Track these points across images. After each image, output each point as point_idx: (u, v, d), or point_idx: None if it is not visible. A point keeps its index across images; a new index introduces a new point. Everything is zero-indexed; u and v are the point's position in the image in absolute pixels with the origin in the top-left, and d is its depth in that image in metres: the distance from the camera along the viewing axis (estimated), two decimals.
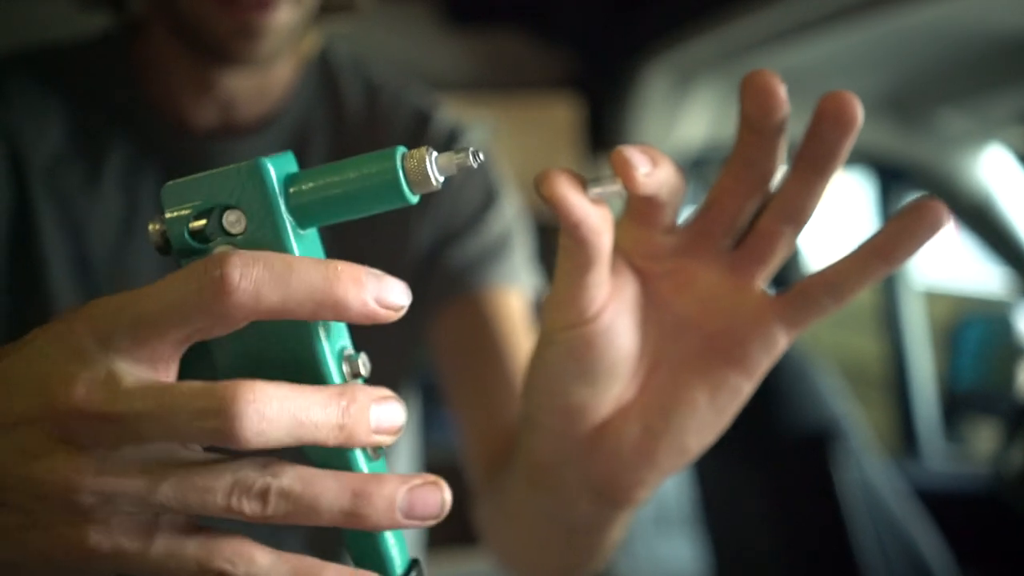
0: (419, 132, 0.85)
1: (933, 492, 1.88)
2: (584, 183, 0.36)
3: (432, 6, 2.04)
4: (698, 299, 0.42)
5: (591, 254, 0.36)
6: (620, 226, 0.40)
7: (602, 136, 2.02)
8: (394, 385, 0.89)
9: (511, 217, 0.88)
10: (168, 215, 0.34)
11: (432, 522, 0.34)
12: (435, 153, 0.34)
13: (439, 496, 0.33)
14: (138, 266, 0.78)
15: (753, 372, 0.42)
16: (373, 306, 0.33)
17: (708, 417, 0.43)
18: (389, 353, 0.86)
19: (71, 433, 0.31)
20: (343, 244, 0.82)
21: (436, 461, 1.35)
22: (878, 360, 2.44)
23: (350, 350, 0.36)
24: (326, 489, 0.32)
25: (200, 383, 0.31)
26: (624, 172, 0.35)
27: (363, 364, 0.36)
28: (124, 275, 0.78)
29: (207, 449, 0.34)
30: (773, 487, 1.44)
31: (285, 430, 0.31)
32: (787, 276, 1.46)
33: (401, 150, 0.34)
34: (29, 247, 0.76)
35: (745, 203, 0.40)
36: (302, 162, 0.34)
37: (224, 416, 0.29)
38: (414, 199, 0.34)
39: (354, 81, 0.87)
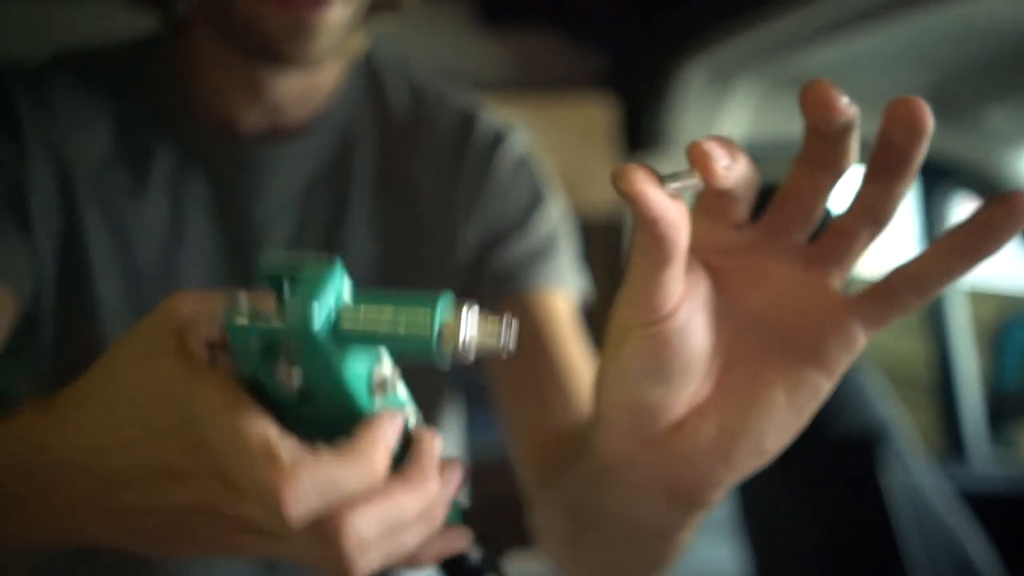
0: (464, 135, 0.85)
1: (979, 495, 1.85)
2: (660, 178, 0.35)
3: (465, 7, 2.04)
4: (773, 295, 0.41)
5: (669, 250, 0.36)
6: (691, 221, 0.39)
7: (637, 136, 2.01)
8: (438, 393, 0.89)
9: (557, 219, 0.88)
10: (237, 350, 0.39)
11: None
12: (473, 327, 0.36)
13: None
14: (186, 271, 0.78)
15: (833, 370, 0.41)
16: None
17: (787, 416, 0.41)
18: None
19: None
20: (393, 249, 0.82)
21: (481, 462, 1.35)
22: (922, 361, 2.40)
23: (383, 369, 0.41)
24: None
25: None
26: (704, 165, 0.34)
27: (392, 380, 0.41)
28: (172, 281, 0.78)
29: None
30: (816, 490, 1.42)
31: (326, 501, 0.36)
32: None
33: (446, 316, 0.37)
34: (76, 254, 0.76)
35: (818, 199, 0.39)
36: (348, 165, 0.37)
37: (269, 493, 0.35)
38: (441, 358, 0.37)
39: (399, 83, 0.87)
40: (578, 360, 0.81)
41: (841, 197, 0.40)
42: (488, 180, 0.85)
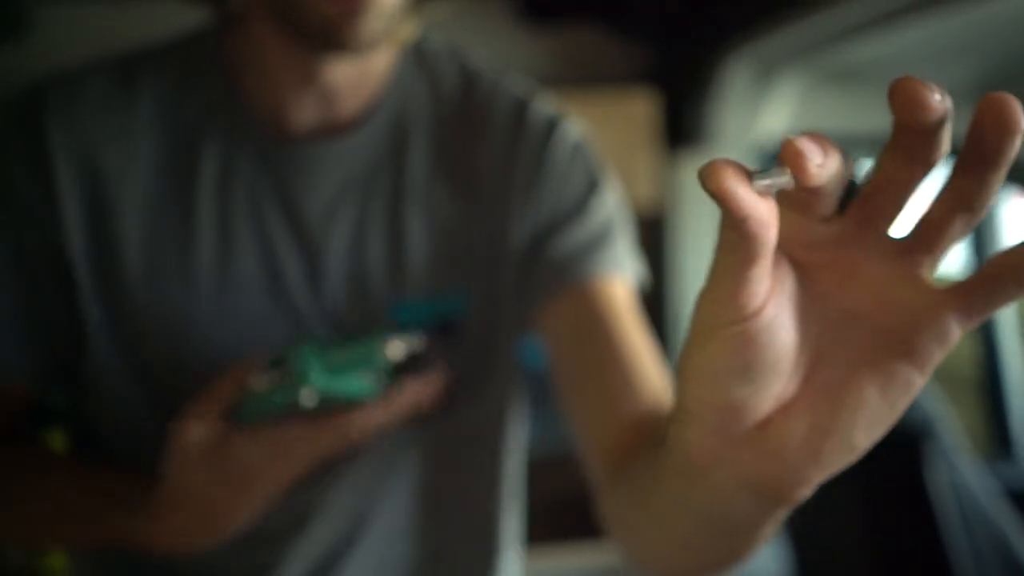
0: (518, 121, 0.85)
1: None
2: (750, 174, 0.34)
3: (509, 3, 2.04)
4: (863, 290, 0.40)
5: (758, 249, 0.35)
6: (778, 215, 0.38)
7: (681, 131, 2.00)
8: (506, 387, 0.89)
9: (613, 205, 0.88)
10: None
11: None
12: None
13: None
14: (242, 273, 0.78)
15: (926, 365, 0.40)
16: None
17: (879, 412, 0.40)
18: (495, 367, 0.86)
19: None
20: (450, 238, 0.82)
21: (541, 457, 1.36)
22: (969, 359, 2.37)
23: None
24: None
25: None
26: (797, 164, 0.33)
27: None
28: (230, 284, 0.78)
29: None
30: (862, 488, 1.41)
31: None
32: None
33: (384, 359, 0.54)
34: (124, 273, 0.77)
35: (908, 191, 0.38)
36: (403, 156, 0.38)
37: None
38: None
39: (450, 70, 0.87)
40: (641, 347, 0.80)
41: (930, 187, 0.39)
42: (544, 166, 0.85)
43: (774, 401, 0.41)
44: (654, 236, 2.11)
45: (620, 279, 0.83)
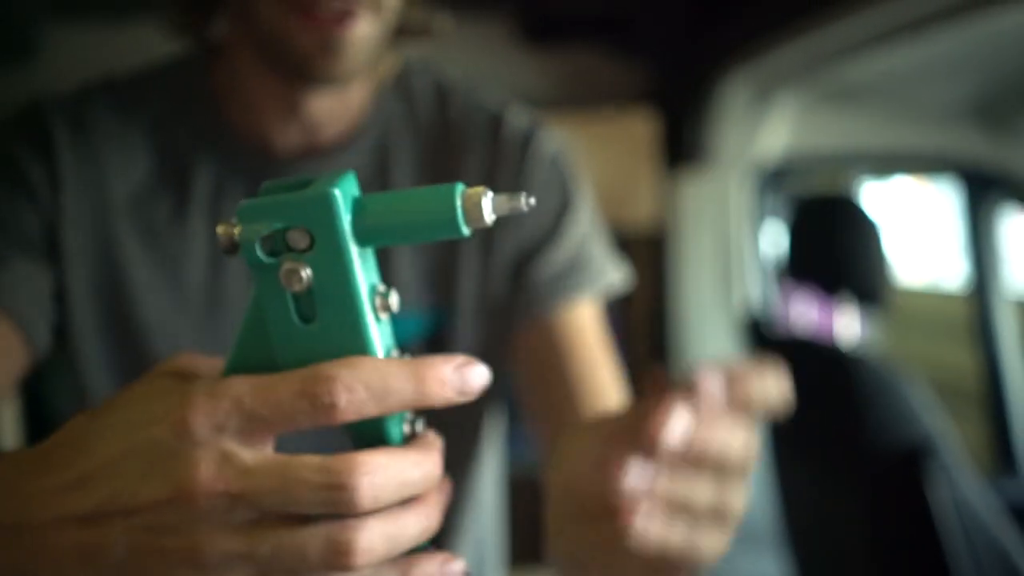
0: (495, 137, 0.86)
1: None
2: None
3: (509, 24, 2.06)
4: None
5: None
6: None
7: (681, 149, 2.01)
8: (484, 406, 0.90)
9: (588, 217, 0.88)
10: (244, 231, 0.37)
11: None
12: (491, 194, 0.37)
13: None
14: (231, 292, 0.79)
15: None
16: (456, 397, 0.38)
17: None
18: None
19: (197, 508, 0.35)
20: (435, 258, 0.83)
21: (518, 475, 1.36)
22: (971, 373, 2.38)
23: (381, 286, 0.40)
24: (409, 528, 0.38)
25: (316, 459, 0.36)
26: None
27: (392, 299, 0.40)
28: (220, 303, 0.79)
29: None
30: (864, 504, 1.41)
31: (393, 493, 0.36)
32: (875, 290, 1.42)
33: (460, 188, 0.37)
34: (117, 280, 0.77)
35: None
36: (385, 178, 0.36)
37: (343, 490, 0.35)
38: (467, 233, 0.37)
39: (426, 87, 0.88)
40: (599, 374, 0.82)
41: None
42: (523, 182, 0.85)
43: None
44: (655, 253, 2.12)
45: (589, 301, 0.85)
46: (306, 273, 0.37)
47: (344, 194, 0.37)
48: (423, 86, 0.87)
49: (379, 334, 0.39)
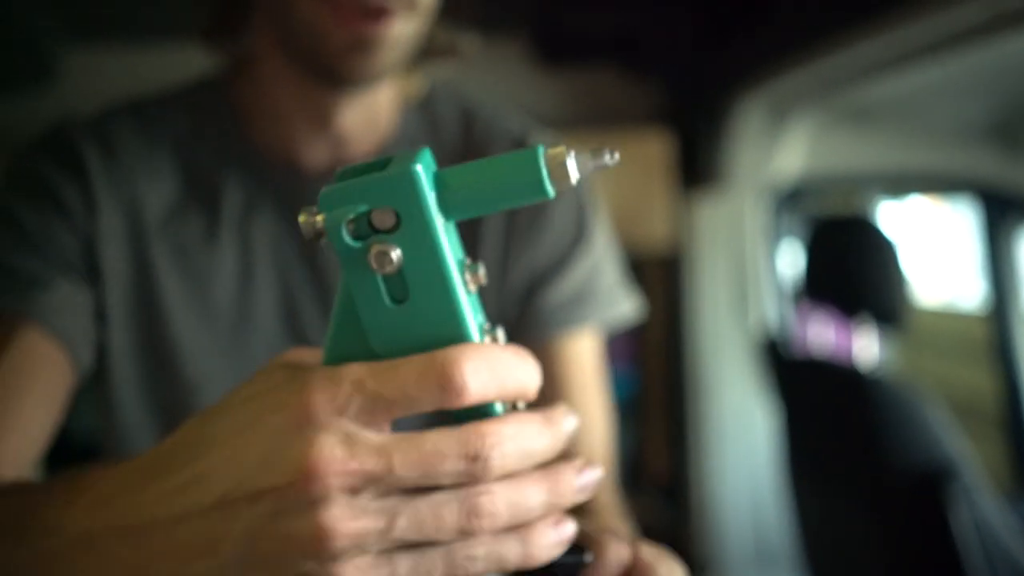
0: None
1: None
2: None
3: (524, 45, 2.07)
4: None
5: None
6: None
7: (696, 170, 2.02)
8: None
9: (601, 245, 0.88)
10: (328, 218, 0.37)
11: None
12: (573, 152, 0.36)
13: (596, 473, 0.40)
14: (259, 310, 0.79)
15: None
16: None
17: None
18: None
19: (322, 489, 0.35)
20: None
21: None
22: (991, 394, 2.36)
23: (467, 260, 0.40)
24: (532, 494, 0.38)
25: (445, 432, 0.36)
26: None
27: (480, 271, 0.39)
28: (248, 321, 0.79)
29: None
30: (884, 526, 1.40)
31: (519, 462, 0.37)
32: (894, 311, 1.41)
33: (542, 149, 0.36)
34: (150, 299, 0.78)
35: None
36: None
37: (477, 459, 0.35)
38: (552, 195, 0.37)
39: (451, 111, 0.88)
40: (589, 408, 0.83)
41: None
42: (540, 206, 0.85)
43: None
44: (670, 273, 2.12)
45: (591, 332, 0.85)
46: (396, 254, 0.36)
47: (425, 169, 0.37)
48: (448, 110, 0.88)
49: (471, 308, 0.38)
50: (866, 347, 1.80)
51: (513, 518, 0.37)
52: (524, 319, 0.84)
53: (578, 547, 0.41)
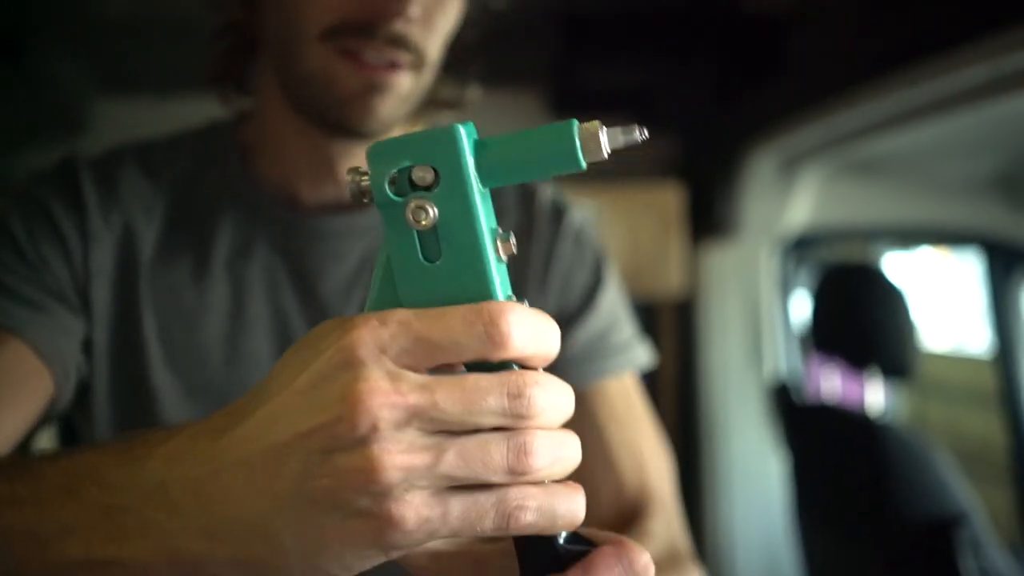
0: (526, 208, 0.87)
1: None
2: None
3: (539, 96, 2.11)
4: None
5: None
6: None
7: (709, 221, 2.05)
8: None
9: (616, 291, 0.89)
10: (373, 171, 0.39)
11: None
12: (605, 128, 0.38)
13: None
14: (252, 349, 0.78)
15: None
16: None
17: None
18: None
19: (371, 423, 0.35)
20: None
21: None
22: (998, 444, 2.36)
23: (499, 230, 0.41)
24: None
25: (487, 374, 0.37)
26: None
27: (512, 240, 0.40)
28: (239, 360, 0.78)
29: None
30: (891, 574, 1.41)
31: (554, 413, 0.38)
32: (903, 359, 1.43)
33: (575, 123, 0.38)
34: (132, 339, 0.76)
35: None
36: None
37: (520, 397, 0.37)
38: (584, 166, 0.38)
39: None
40: (641, 439, 0.83)
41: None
42: (554, 253, 0.85)
43: None
44: (683, 320, 2.14)
45: (626, 372, 0.86)
46: (432, 210, 0.38)
47: (468, 134, 0.39)
48: None
49: (499, 276, 0.40)
50: (875, 395, 1.82)
51: (556, 464, 0.38)
52: (551, 367, 0.84)
53: (586, 539, 0.42)
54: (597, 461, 0.82)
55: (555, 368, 0.82)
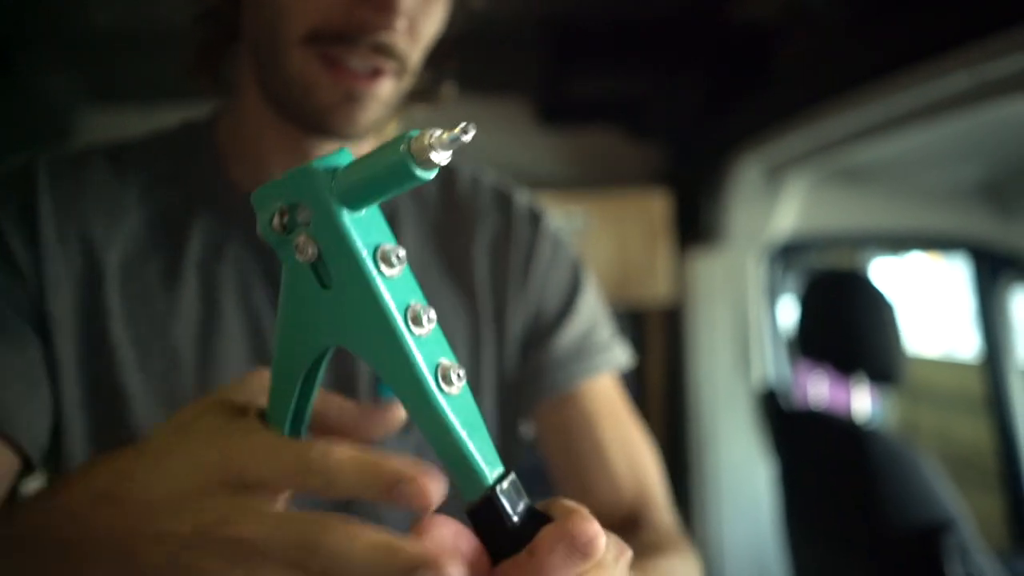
0: (503, 211, 0.87)
1: None
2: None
3: (525, 105, 2.12)
4: None
5: None
6: None
7: (695, 229, 2.06)
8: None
9: (593, 296, 0.90)
10: (259, 216, 0.42)
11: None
12: (436, 134, 0.38)
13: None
14: (225, 350, 0.76)
15: None
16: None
17: None
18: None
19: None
20: (448, 333, 0.81)
21: None
22: (986, 450, 2.37)
23: (387, 244, 0.42)
24: None
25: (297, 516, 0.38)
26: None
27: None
28: (212, 362, 0.76)
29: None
30: None
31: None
32: (890, 365, 1.43)
33: (412, 134, 0.38)
34: (104, 351, 0.74)
35: None
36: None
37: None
38: (426, 177, 0.38)
39: None
40: (622, 439, 0.84)
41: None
42: (533, 259, 0.85)
43: None
44: (670, 327, 2.15)
45: (602, 376, 0.86)
46: (313, 242, 0.41)
47: (328, 165, 0.41)
48: None
49: (387, 288, 0.41)
50: (862, 401, 1.83)
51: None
52: (533, 373, 0.84)
53: (543, 515, 0.42)
54: (592, 458, 0.83)
55: (541, 371, 0.81)
